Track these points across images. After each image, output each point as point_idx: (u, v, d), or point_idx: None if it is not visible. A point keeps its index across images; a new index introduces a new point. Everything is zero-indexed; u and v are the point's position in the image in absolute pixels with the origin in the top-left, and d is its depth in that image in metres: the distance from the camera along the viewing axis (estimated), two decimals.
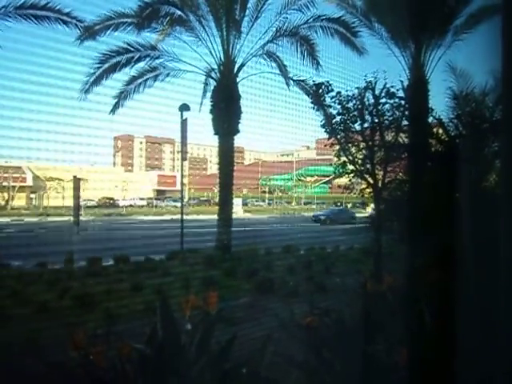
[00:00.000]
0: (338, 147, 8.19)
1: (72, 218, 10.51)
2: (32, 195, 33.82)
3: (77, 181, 10.36)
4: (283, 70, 12.70)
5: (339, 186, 10.19)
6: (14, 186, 31.07)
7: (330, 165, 8.58)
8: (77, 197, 10.40)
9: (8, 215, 25.03)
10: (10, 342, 4.35)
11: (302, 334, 3.19)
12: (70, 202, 14.58)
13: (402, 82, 8.12)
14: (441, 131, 7.74)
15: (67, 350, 2.67)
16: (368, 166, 7.89)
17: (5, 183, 30.27)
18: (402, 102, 8.00)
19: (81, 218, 12.15)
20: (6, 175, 30.15)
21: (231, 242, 11.67)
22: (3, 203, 29.75)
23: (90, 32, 11.02)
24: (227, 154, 12.41)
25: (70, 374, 2.65)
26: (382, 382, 2.83)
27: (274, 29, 12.17)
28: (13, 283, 7.56)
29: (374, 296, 3.72)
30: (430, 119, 8.70)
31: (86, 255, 9.84)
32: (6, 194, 30.63)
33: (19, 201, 31.25)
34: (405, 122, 8.16)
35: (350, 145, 8.05)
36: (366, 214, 14.58)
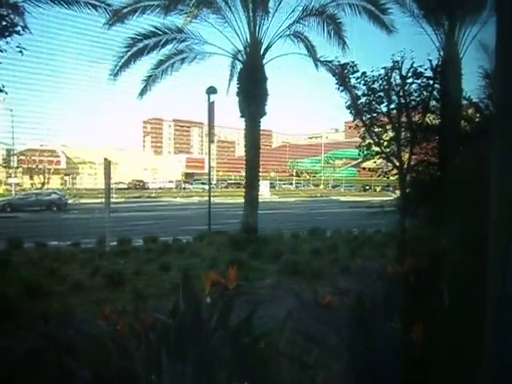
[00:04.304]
0: (363, 129, 8.06)
1: (104, 200, 10.82)
2: (66, 177, 35.02)
3: (107, 163, 10.61)
4: (311, 50, 12.49)
5: (365, 169, 10.07)
6: (49, 169, 32.24)
7: (358, 147, 8.45)
8: (108, 179, 10.67)
9: None
10: None
11: None
12: (101, 185, 15.00)
13: (430, 61, 7.84)
14: (472, 111, 7.51)
15: None
16: (394, 147, 7.76)
17: (40, 166, 31.44)
18: (432, 82, 7.77)
19: (112, 199, 12.54)
20: (41, 158, 31.29)
21: (257, 225, 11.76)
22: (40, 186, 30.95)
23: (118, 16, 11.14)
24: (254, 137, 12.37)
25: None
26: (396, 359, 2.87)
27: (301, 8, 11.95)
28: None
29: None
30: (462, 100, 8.42)
31: (116, 236, 10.28)
32: (41, 177, 31.83)
33: (54, 183, 32.44)
34: (433, 103, 7.94)
35: (375, 126, 7.92)
36: None
